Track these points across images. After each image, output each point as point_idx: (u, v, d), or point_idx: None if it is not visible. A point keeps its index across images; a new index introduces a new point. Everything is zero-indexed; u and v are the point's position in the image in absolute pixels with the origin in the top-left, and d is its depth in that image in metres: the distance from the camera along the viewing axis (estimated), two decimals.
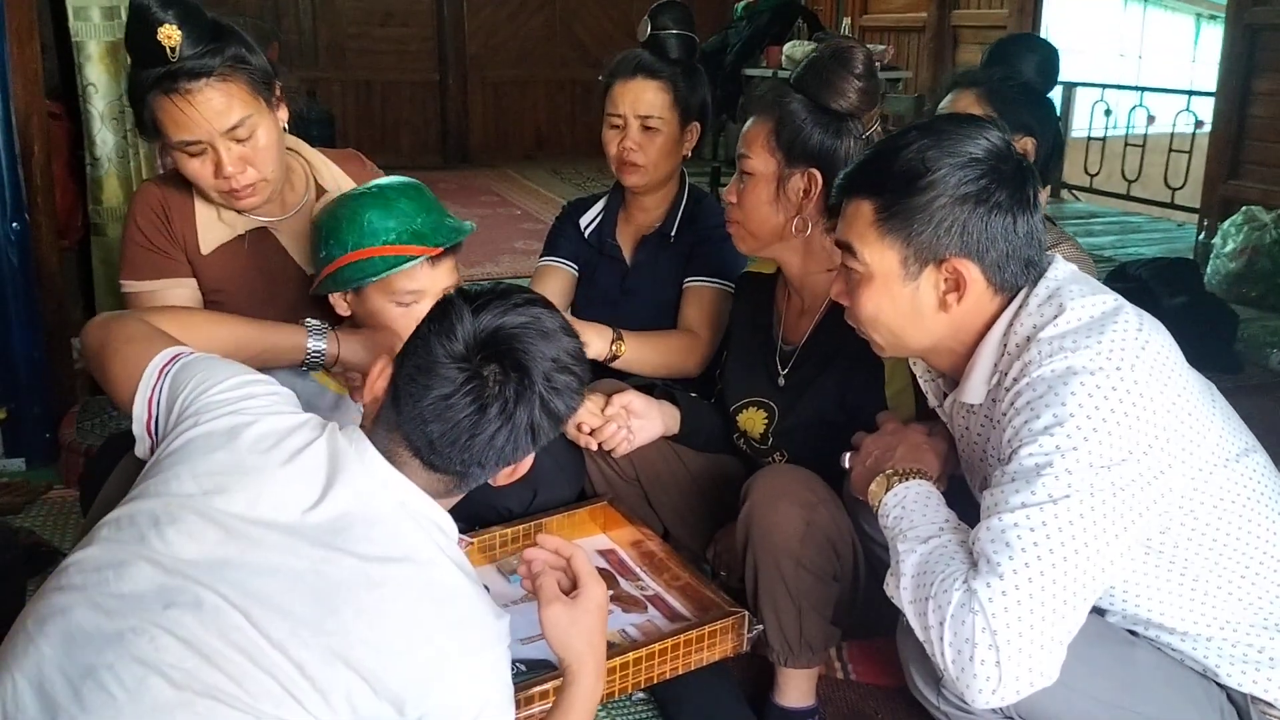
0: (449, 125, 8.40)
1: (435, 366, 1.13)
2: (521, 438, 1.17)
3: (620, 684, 1.48)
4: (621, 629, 1.61)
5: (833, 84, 1.73)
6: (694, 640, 1.52)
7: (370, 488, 1.15)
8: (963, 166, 1.27)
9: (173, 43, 1.58)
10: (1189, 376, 1.29)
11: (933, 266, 1.29)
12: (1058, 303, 1.27)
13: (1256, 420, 1.36)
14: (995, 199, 1.26)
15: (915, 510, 1.33)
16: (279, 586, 1.06)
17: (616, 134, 2.16)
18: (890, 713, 1.78)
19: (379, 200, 1.63)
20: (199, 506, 1.10)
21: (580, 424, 1.83)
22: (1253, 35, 5.11)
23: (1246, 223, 4.66)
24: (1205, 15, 14.32)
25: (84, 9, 2.74)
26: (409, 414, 1.15)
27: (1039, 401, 1.21)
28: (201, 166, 1.68)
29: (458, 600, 1.14)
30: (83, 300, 3.01)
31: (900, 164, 1.29)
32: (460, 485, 1.22)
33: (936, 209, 1.27)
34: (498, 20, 8.39)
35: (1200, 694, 1.32)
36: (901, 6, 7.57)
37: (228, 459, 1.14)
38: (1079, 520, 1.16)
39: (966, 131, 1.29)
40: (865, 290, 1.34)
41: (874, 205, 1.31)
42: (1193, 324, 3.65)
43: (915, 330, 1.35)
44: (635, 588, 1.72)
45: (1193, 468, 1.25)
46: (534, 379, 1.15)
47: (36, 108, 2.59)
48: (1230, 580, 1.29)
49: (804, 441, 1.84)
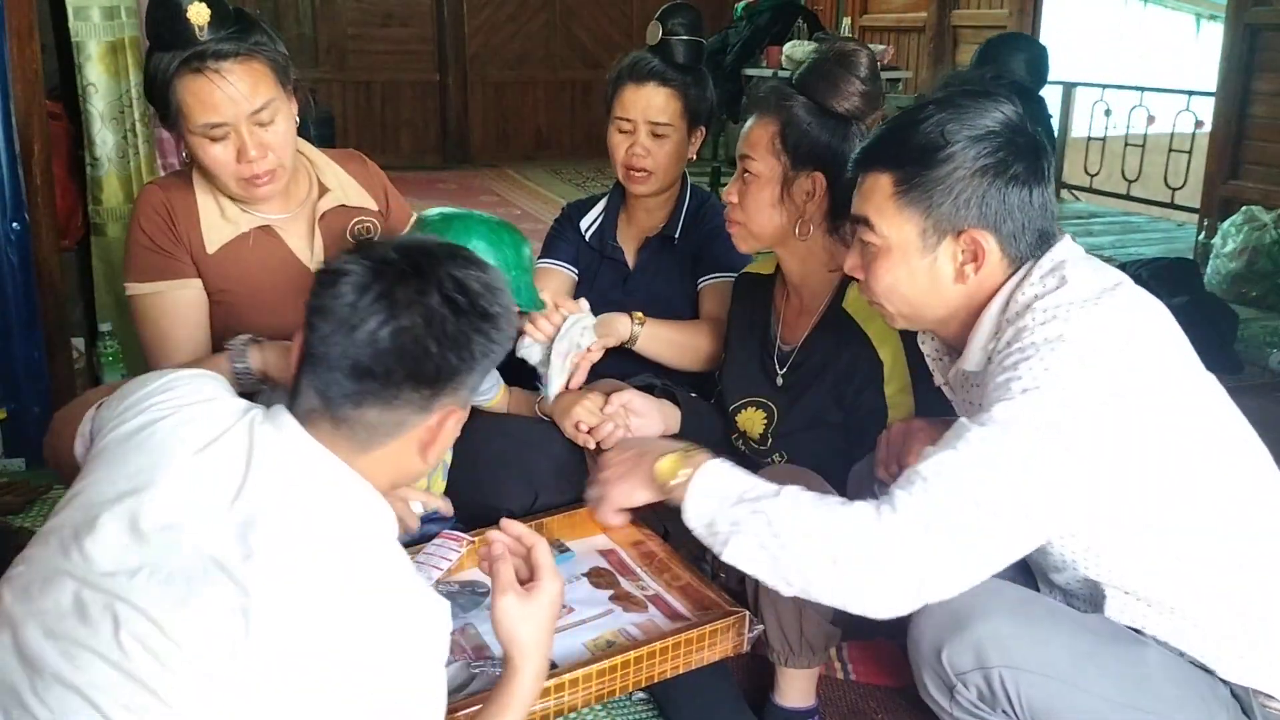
0: (449, 125, 8.40)
1: (336, 298, 1.08)
2: (424, 352, 1.07)
3: (621, 683, 1.48)
4: (622, 628, 1.61)
5: (838, 87, 1.73)
6: (694, 640, 1.52)
7: (289, 470, 1.08)
8: (980, 139, 1.29)
9: (201, 20, 1.60)
10: (1193, 361, 1.30)
11: (951, 238, 1.32)
12: (1060, 274, 1.28)
13: (1256, 420, 1.36)
14: (1013, 171, 1.29)
15: (742, 476, 1.33)
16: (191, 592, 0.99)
17: (626, 138, 2.15)
18: (890, 713, 1.78)
19: (491, 235, 1.69)
20: (116, 512, 1.05)
21: (579, 423, 1.83)
22: (1253, 35, 5.11)
23: (1246, 223, 4.66)
24: (1205, 14, 14.32)
25: (84, 9, 2.74)
26: (315, 360, 1.09)
27: (1024, 363, 1.22)
28: (223, 152, 1.68)
29: (381, 592, 1.05)
30: (83, 300, 3.02)
31: (919, 137, 1.30)
32: (371, 438, 1.11)
33: (956, 181, 1.29)
34: (498, 20, 8.39)
35: (1207, 691, 1.32)
36: (901, 6, 7.58)
37: (142, 459, 1.09)
38: (1017, 462, 1.17)
39: (982, 105, 1.31)
40: (883, 262, 1.35)
41: (893, 178, 1.32)
42: (1193, 324, 3.59)
43: (932, 300, 1.36)
44: (636, 587, 1.72)
45: (1192, 449, 1.25)
46: (434, 275, 1.09)
47: (36, 108, 2.59)
48: (1223, 570, 1.29)
49: (803, 441, 1.84)
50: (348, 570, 1.03)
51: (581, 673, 1.42)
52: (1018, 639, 1.29)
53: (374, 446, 1.12)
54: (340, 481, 1.09)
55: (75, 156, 2.90)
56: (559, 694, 1.41)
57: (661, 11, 2.17)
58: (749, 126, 1.79)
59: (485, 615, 1.65)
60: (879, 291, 1.39)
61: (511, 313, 1.18)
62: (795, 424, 1.85)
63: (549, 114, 8.73)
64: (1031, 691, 1.27)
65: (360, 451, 1.11)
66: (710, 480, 1.34)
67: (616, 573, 1.76)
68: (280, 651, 0.98)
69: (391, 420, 1.11)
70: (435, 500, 1.74)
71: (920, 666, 1.36)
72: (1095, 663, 1.29)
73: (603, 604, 1.67)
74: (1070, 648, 1.30)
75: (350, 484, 1.10)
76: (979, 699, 1.31)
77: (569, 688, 1.42)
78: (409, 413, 1.11)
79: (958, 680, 1.31)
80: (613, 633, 1.59)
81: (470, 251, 1.18)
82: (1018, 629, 1.29)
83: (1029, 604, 1.33)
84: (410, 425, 1.12)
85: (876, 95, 1.76)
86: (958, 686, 1.31)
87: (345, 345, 1.08)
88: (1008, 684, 1.28)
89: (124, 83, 2.83)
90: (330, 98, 7.61)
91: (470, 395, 1.17)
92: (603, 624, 1.62)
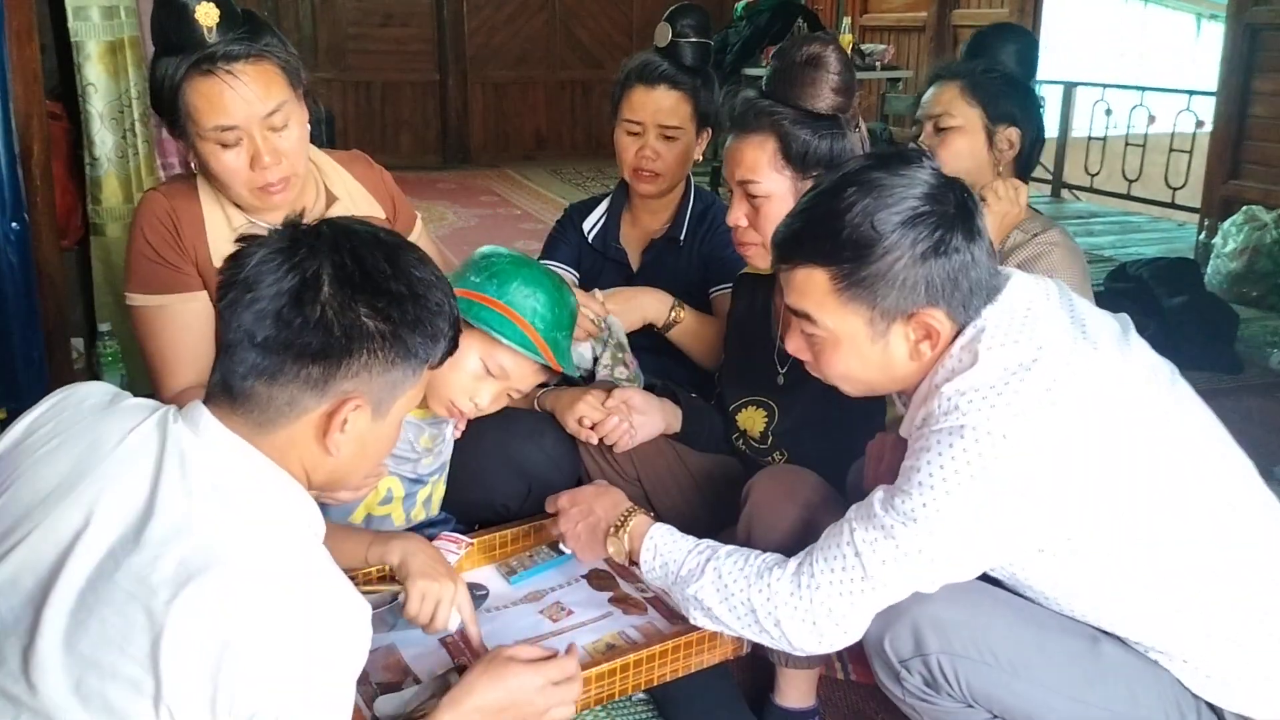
0: (449, 125, 8.40)
1: (239, 269, 1.07)
2: (303, 321, 1.03)
3: (620, 685, 1.48)
4: (622, 631, 1.61)
5: (819, 89, 1.74)
6: (694, 643, 1.52)
7: (201, 477, 1.03)
8: (912, 223, 1.22)
9: (210, 21, 1.55)
10: (1131, 413, 1.22)
11: (901, 322, 1.26)
12: (973, 351, 1.23)
13: (1256, 420, 1.36)
14: (952, 244, 1.22)
15: (673, 550, 1.45)
16: (91, 626, 0.96)
17: (635, 140, 2.14)
18: (890, 713, 1.77)
19: (555, 293, 1.66)
20: (18, 538, 1.02)
21: (581, 418, 1.83)
22: (1253, 35, 5.10)
23: (1247, 222, 4.66)
24: (1205, 14, 14.32)
25: (84, 9, 2.74)
26: (224, 334, 1.07)
27: (924, 454, 1.22)
28: (235, 159, 1.63)
29: (296, 593, 1.01)
30: (82, 300, 3.02)
31: (847, 230, 1.23)
32: (265, 418, 1.06)
33: (898, 271, 1.23)
34: (498, 20, 8.39)
35: (1170, 693, 1.30)
36: (901, 6, 7.57)
37: (50, 473, 1.06)
38: (904, 558, 1.24)
39: (901, 179, 1.24)
40: (832, 354, 1.32)
41: (829, 274, 1.26)
42: (1193, 324, 3.66)
43: (890, 377, 1.33)
44: (636, 590, 1.72)
45: (1128, 511, 1.21)
46: (333, 245, 1.06)
47: (36, 108, 2.59)
48: (1188, 604, 1.27)
49: (803, 440, 1.84)
50: (261, 574, 0.99)
51: (581, 676, 1.41)
52: (956, 626, 1.30)
53: (270, 429, 1.07)
54: (258, 481, 1.06)
55: (75, 156, 2.90)
56: None
57: (670, 13, 2.16)
58: (739, 148, 1.77)
59: (489, 616, 1.66)
60: (832, 378, 1.36)
61: (440, 306, 1.12)
62: (796, 422, 1.85)
63: (549, 114, 8.72)
64: (972, 678, 1.29)
65: (259, 433, 1.07)
66: (648, 563, 1.47)
67: (616, 575, 1.76)
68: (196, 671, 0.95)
69: (283, 399, 1.06)
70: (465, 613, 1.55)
71: (870, 655, 1.38)
72: (1042, 653, 1.29)
73: (602, 606, 1.67)
74: (1013, 637, 1.30)
75: (268, 482, 1.07)
76: (925, 684, 1.32)
77: None
78: (300, 391, 1.06)
79: (901, 667, 1.33)
80: (612, 635, 1.59)
81: (399, 238, 1.14)
82: (957, 615, 1.30)
83: (972, 592, 1.32)
84: (304, 408, 1.07)
85: (853, 84, 1.78)
86: (902, 673, 1.33)
87: (240, 315, 1.05)
88: (946, 669, 1.29)
89: (123, 83, 2.83)
90: (330, 98, 7.60)
91: (391, 389, 1.10)
92: (602, 626, 1.62)
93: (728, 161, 1.80)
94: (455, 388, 1.62)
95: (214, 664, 0.95)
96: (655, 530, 1.49)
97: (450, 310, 1.15)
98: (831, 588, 1.28)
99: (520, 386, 1.68)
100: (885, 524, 1.24)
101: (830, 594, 1.29)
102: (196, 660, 0.95)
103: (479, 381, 1.63)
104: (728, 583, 1.37)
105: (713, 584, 1.38)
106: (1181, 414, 1.29)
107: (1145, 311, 3.62)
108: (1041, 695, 1.29)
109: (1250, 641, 1.27)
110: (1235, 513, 1.27)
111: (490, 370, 1.62)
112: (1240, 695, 1.29)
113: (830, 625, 1.30)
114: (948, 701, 1.33)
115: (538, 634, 1.60)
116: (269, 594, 0.98)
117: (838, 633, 1.31)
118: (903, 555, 1.24)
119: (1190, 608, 1.26)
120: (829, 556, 1.29)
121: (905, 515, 1.23)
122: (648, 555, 1.46)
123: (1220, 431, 1.33)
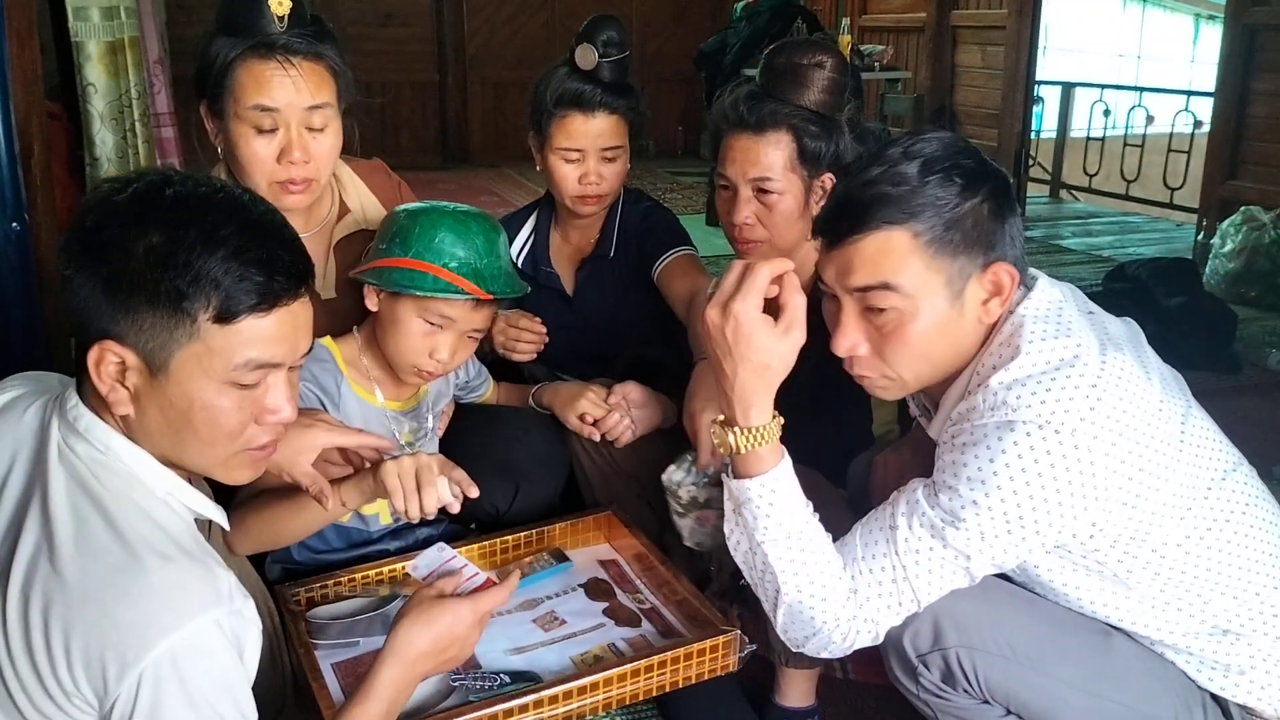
0: (449, 125, 8.41)
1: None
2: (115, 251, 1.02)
3: (604, 700, 1.45)
4: (611, 643, 1.60)
5: (826, 91, 1.79)
6: (681, 657, 1.50)
7: (70, 481, 1.05)
8: (984, 176, 1.25)
9: (283, 10, 1.59)
10: (1155, 418, 1.24)
11: (976, 278, 1.26)
12: (1014, 345, 1.24)
13: (1255, 420, 1.37)
14: (1012, 201, 1.28)
15: (791, 500, 1.33)
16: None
17: (575, 167, 2.06)
18: (890, 712, 1.78)
19: (458, 226, 1.61)
20: None
21: (583, 414, 1.83)
22: (1252, 35, 5.11)
23: (1245, 222, 4.67)
24: (1204, 15, 14.32)
25: (84, 9, 2.75)
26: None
27: (971, 448, 1.21)
28: (266, 146, 1.63)
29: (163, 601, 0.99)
30: None
31: (931, 185, 1.23)
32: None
33: (979, 220, 1.24)
34: (497, 20, 8.39)
35: (1179, 686, 1.33)
36: (901, 6, 7.58)
37: None
38: (947, 562, 1.24)
39: (956, 143, 1.28)
40: (909, 327, 1.25)
41: (911, 232, 1.23)
42: (1191, 324, 3.66)
43: (955, 354, 1.29)
44: (633, 600, 1.71)
45: (1144, 513, 1.23)
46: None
47: (36, 108, 2.59)
48: (1188, 598, 1.29)
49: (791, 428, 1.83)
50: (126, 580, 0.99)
51: (562, 689, 1.41)
52: (975, 620, 1.30)
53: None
54: (130, 479, 1.07)
55: (75, 156, 2.90)
56: (538, 710, 1.39)
57: (586, 30, 2.08)
58: (753, 146, 1.78)
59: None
60: (903, 359, 1.28)
61: (189, 263, 1.03)
62: (783, 410, 1.85)
63: None
64: (989, 672, 1.29)
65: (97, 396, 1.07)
66: (759, 485, 1.33)
67: (614, 584, 1.75)
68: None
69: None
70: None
71: (887, 651, 1.38)
72: (1056, 648, 1.30)
73: (596, 617, 1.66)
74: (1029, 631, 1.31)
75: (139, 476, 1.08)
76: (942, 680, 1.33)
77: (548, 704, 1.40)
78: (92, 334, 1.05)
79: (919, 662, 1.33)
80: (601, 647, 1.58)
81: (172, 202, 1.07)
82: (976, 610, 1.30)
83: (990, 588, 1.33)
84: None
85: (846, 80, 1.83)
86: (919, 668, 1.33)
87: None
88: (964, 663, 1.29)
89: (124, 83, 2.83)
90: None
91: (142, 345, 1.05)
92: (592, 638, 1.60)
93: (736, 159, 1.80)
94: (411, 351, 1.61)
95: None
96: (788, 466, 1.36)
97: (210, 270, 1.05)
98: (880, 613, 1.29)
99: (474, 326, 1.65)
100: (934, 523, 1.23)
101: (877, 612, 1.29)
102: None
103: (430, 338, 1.61)
104: (798, 570, 1.29)
105: (789, 560, 1.30)
106: (1193, 419, 1.31)
107: (1144, 312, 3.60)
108: (1058, 690, 1.29)
109: (1252, 634, 1.30)
110: (1237, 513, 1.30)
111: (433, 323, 1.62)
112: (1244, 688, 1.32)
113: (867, 637, 1.31)
114: (962, 698, 1.33)
115: (528, 642, 1.59)
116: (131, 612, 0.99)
117: (868, 639, 1.31)
118: (951, 557, 1.23)
119: (1195, 603, 1.29)
120: (878, 581, 1.28)
121: (952, 513, 1.21)
122: (769, 481, 1.32)
123: (1220, 436, 1.35)
